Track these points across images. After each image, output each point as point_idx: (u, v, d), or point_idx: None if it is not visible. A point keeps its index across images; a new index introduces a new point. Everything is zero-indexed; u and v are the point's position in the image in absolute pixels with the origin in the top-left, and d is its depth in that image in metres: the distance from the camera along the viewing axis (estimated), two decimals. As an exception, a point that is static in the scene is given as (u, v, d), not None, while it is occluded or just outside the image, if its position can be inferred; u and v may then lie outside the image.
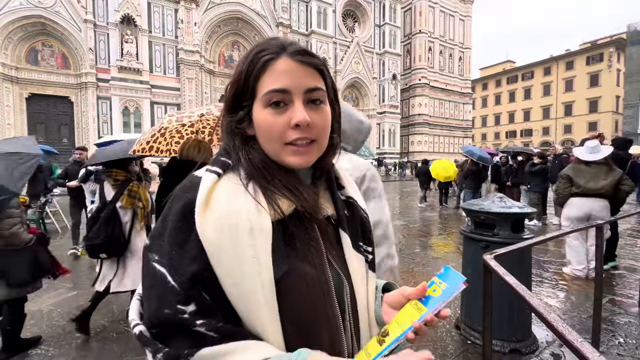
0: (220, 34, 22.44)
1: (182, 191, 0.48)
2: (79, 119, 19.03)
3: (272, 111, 0.48)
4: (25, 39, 17.66)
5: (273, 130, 0.48)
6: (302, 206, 0.49)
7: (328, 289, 0.50)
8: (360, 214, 0.61)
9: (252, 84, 0.49)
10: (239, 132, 0.52)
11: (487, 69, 52.21)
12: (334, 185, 0.60)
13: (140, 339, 0.42)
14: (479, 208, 2.45)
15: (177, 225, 0.45)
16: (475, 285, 2.39)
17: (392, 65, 30.39)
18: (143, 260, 0.47)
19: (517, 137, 44.12)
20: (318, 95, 0.50)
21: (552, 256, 4.62)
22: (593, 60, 37.70)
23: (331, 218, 0.56)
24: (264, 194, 0.47)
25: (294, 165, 0.50)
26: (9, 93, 17.30)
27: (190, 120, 2.59)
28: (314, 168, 0.56)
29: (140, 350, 2.28)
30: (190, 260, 0.43)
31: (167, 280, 0.42)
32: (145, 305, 0.45)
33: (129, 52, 18.82)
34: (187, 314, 0.41)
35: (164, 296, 0.42)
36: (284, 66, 0.48)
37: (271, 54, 0.48)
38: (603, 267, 2.24)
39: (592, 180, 3.55)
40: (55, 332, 2.57)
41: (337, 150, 0.58)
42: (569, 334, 0.70)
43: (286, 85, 0.47)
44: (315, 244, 0.51)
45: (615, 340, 2.43)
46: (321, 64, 0.51)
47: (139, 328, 0.43)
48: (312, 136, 0.49)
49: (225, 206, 0.45)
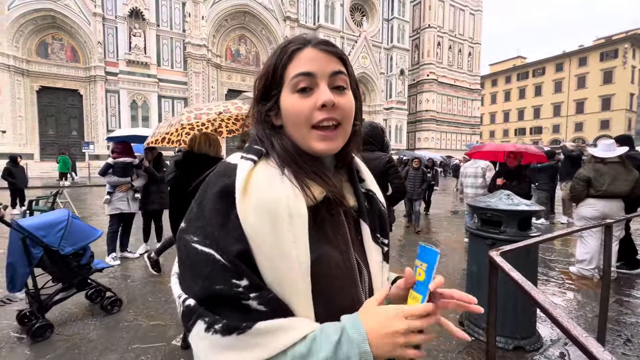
0: (227, 27, 22.39)
1: (217, 176, 0.50)
2: (88, 111, 19.27)
3: (299, 96, 0.51)
4: (36, 32, 17.87)
5: (300, 112, 0.51)
6: (331, 192, 0.51)
7: (353, 275, 0.53)
8: (379, 207, 0.63)
9: (280, 73, 0.52)
10: (267, 120, 0.55)
11: (497, 65, 51.28)
12: (356, 177, 0.62)
13: (192, 310, 0.43)
14: (485, 205, 2.43)
15: (216, 208, 0.46)
16: (480, 282, 2.40)
17: (400, 61, 30.00)
18: (179, 242, 0.48)
19: (527, 135, 43.41)
20: (342, 80, 0.53)
21: (558, 255, 4.57)
22: (607, 57, 36.71)
23: (352, 209, 0.58)
24: (297, 180, 0.50)
25: (321, 151, 0.52)
26: (20, 86, 17.56)
27: (208, 118, 2.59)
28: (336, 159, 0.59)
29: (147, 339, 2.34)
30: (235, 240, 0.44)
31: (216, 259, 0.43)
32: (189, 284, 0.45)
33: (137, 45, 18.91)
34: (242, 287, 0.43)
35: (213, 274, 0.43)
36: (309, 54, 0.52)
37: (297, 45, 0.52)
38: (611, 266, 2.21)
39: (612, 183, 3.46)
40: (66, 318, 2.65)
41: (359, 139, 0.60)
42: (574, 329, 0.70)
43: (311, 69, 0.51)
44: (342, 230, 0.54)
45: (620, 339, 2.42)
46: (343, 53, 0.55)
47: (191, 301, 0.44)
48: (337, 117, 0.51)
49: (264, 192, 0.46)
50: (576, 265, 3.81)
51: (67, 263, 2.53)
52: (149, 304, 2.95)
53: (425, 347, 2.38)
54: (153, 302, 2.97)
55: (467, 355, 2.20)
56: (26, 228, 2.30)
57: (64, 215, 2.55)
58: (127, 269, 3.89)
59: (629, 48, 35.02)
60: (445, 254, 4.64)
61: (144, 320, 2.65)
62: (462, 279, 3.56)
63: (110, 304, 2.76)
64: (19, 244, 2.30)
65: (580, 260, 3.75)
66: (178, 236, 0.49)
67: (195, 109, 2.58)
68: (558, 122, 41.12)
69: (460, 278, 3.64)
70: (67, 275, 2.57)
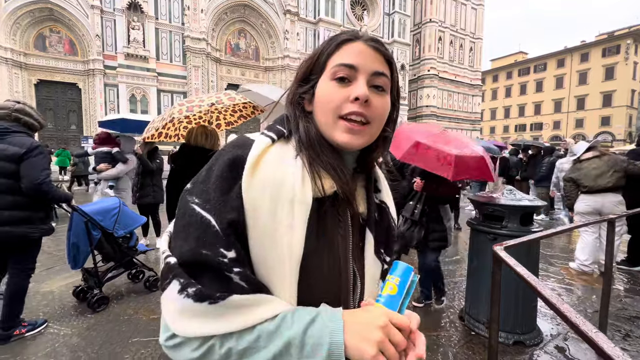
0: (226, 21, 22.15)
1: (232, 147, 0.49)
2: (86, 105, 19.14)
3: (335, 84, 0.50)
4: (33, 25, 17.65)
5: (332, 100, 0.49)
6: (342, 188, 0.49)
7: (346, 280, 0.51)
8: (390, 221, 0.61)
9: (324, 59, 0.52)
10: (300, 103, 0.54)
11: (498, 60, 50.92)
12: (372, 185, 0.60)
13: (170, 269, 0.42)
14: (487, 200, 2.42)
15: (223, 175, 0.46)
16: (481, 277, 2.40)
17: (400, 55, 29.77)
18: (181, 201, 0.48)
19: (527, 131, 43.29)
20: (382, 81, 0.51)
21: (558, 251, 4.58)
22: (609, 53, 36.45)
23: (361, 215, 0.56)
24: (310, 167, 0.48)
25: (343, 143, 0.50)
26: (18, 79, 17.41)
27: (200, 110, 2.58)
28: (358, 162, 0.57)
29: (147, 333, 2.34)
30: (231, 209, 0.44)
31: (211, 224, 0.43)
32: (179, 242, 0.45)
33: (135, 39, 18.70)
34: (227, 259, 0.42)
35: (204, 238, 0.42)
36: (357, 47, 0.51)
37: (348, 36, 0.52)
38: (612, 262, 2.20)
39: (597, 178, 3.49)
40: (67, 312, 2.65)
41: (387, 146, 0.58)
42: (582, 324, 0.69)
43: (354, 62, 0.49)
44: (344, 231, 0.52)
45: (620, 334, 2.42)
46: (391, 55, 0.54)
47: (172, 259, 0.43)
48: (367, 114, 0.49)
49: (272, 170, 0.46)
50: (576, 261, 3.82)
51: (119, 245, 2.85)
52: (149, 298, 2.95)
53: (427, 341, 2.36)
54: (153, 296, 2.97)
55: (468, 349, 2.21)
56: (88, 213, 2.61)
57: (116, 203, 2.90)
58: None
59: (632, 44, 34.77)
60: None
61: (144, 314, 2.65)
62: (461, 276, 3.56)
63: (153, 282, 3.08)
64: (82, 227, 2.62)
65: (578, 256, 3.77)
66: (181, 195, 0.49)
67: (187, 101, 2.57)
68: (559, 118, 40.98)
69: (459, 275, 3.64)
70: (119, 255, 2.87)
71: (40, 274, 3.48)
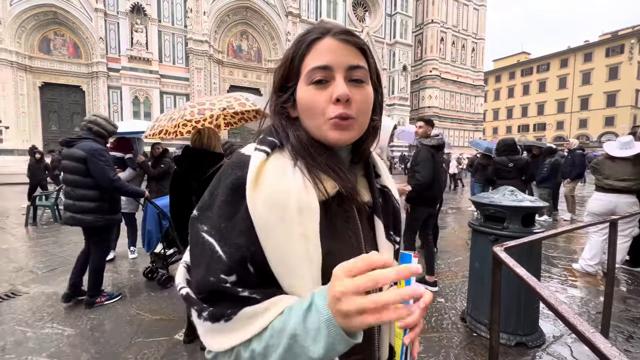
0: (229, 23, 22.26)
1: (231, 168, 0.49)
2: (90, 108, 19.27)
3: (314, 88, 0.49)
4: (38, 28, 17.83)
5: (314, 105, 0.49)
6: (344, 187, 0.50)
7: None
8: (394, 203, 0.62)
9: (298, 64, 0.51)
10: (283, 112, 0.54)
11: (500, 61, 50.75)
12: (372, 172, 0.61)
13: (186, 299, 0.46)
14: (489, 201, 2.42)
15: (227, 200, 0.47)
16: (482, 278, 2.40)
17: (402, 56, 29.74)
18: (191, 230, 0.49)
19: (530, 131, 43.07)
20: (360, 74, 0.50)
21: (561, 252, 4.55)
22: (613, 52, 36.23)
23: (366, 205, 0.57)
24: (310, 174, 0.49)
25: (335, 140, 0.50)
26: (23, 82, 17.58)
27: (212, 113, 2.56)
28: (353, 153, 0.58)
29: (150, 334, 2.37)
30: (239, 233, 0.45)
31: (216, 250, 0.45)
32: (194, 271, 0.48)
33: (138, 41, 18.84)
34: (229, 283, 0.43)
35: (211, 265, 0.44)
36: (327, 45, 0.50)
37: (316, 34, 0.51)
38: (614, 263, 2.19)
39: (612, 176, 3.42)
40: (70, 312, 2.67)
41: (378, 134, 0.59)
42: (580, 324, 0.69)
43: (328, 62, 0.49)
44: (354, 226, 0.53)
45: (623, 336, 2.41)
46: (364, 43, 0.52)
47: (185, 290, 0.47)
48: (352, 113, 0.49)
49: (274, 184, 0.46)
50: (579, 261, 3.79)
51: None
52: (152, 298, 2.97)
53: (427, 344, 2.34)
54: (156, 297, 2.99)
55: (469, 351, 2.20)
56: (159, 206, 3.09)
57: None
58: (131, 263, 3.93)
59: (636, 43, 34.54)
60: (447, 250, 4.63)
61: (147, 314, 2.67)
62: (463, 278, 3.55)
63: (165, 280, 3.32)
64: (155, 217, 3.15)
65: (584, 256, 3.74)
66: (190, 223, 0.50)
67: (199, 103, 2.55)
68: (562, 118, 40.75)
69: (461, 276, 3.63)
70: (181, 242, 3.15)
71: (42, 274, 3.52)
